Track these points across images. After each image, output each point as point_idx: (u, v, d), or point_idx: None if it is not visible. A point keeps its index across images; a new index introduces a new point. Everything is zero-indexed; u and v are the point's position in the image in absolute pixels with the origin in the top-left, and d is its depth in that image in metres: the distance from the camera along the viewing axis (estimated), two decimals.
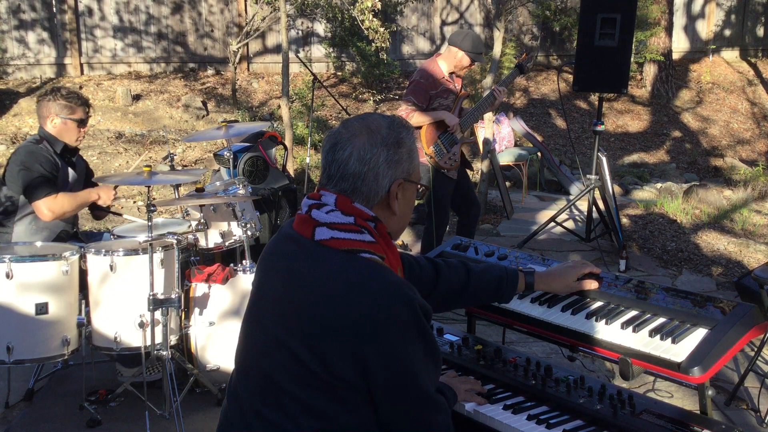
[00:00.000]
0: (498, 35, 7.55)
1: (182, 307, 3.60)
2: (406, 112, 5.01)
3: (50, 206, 3.85)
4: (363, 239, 1.75)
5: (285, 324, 1.74)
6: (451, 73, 5.17)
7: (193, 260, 4.14)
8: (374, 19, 8.10)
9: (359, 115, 1.89)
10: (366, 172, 1.77)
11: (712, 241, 6.67)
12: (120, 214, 4.83)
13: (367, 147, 1.77)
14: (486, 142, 7.50)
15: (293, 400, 1.71)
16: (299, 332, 1.71)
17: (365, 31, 8.29)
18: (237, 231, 4.23)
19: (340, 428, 1.70)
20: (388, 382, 1.69)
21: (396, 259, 1.86)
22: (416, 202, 6.71)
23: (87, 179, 4.30)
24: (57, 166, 3.97)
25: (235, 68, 10.77)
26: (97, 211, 4.33)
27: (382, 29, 8.10)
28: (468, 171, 5.53)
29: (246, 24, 11.12)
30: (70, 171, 4.09)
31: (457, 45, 5.11)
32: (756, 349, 3.88)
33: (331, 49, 11.73)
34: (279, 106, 9.24)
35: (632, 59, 11.04)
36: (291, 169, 7.26)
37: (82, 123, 4.08)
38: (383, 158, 1.77)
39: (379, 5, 8.04)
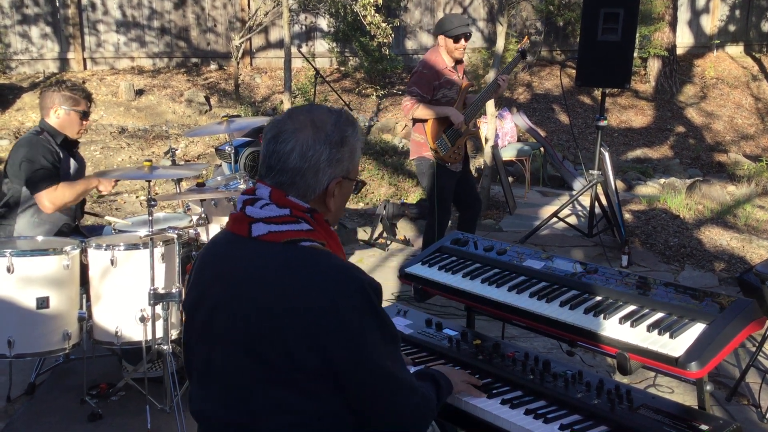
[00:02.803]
0: (501, 30, 7.53)
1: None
2: (410, 103, 4.98)
3: (51, 198, 3.85)
4: (301, 228, 1.73)
5: (241, 328, 1.71)
6: (455, 65, 5.14)
7: (194, 255, 4.14)
8: (376, 15, 8.09)
9: (306, 106, 1.86)
10: (306, 169, 1.75)
11: (715, 237, 6.66)
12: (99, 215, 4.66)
13: (311, 143, 1.74)
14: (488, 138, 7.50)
15: (263, 401, 1.69)
16: (256, 333, 1.68)
17: (367, 27, 8.28)
18: None
19: (313, 418, 1.69)
20: (349, 366, 1.68)
21: (336, 244, 1.83)
22: (417, 199, 6.64)
23: None
24: (59, 157, 3.97)
25: (238, 63, 10.77)
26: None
27: (384, 25, 8.09)
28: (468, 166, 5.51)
29: (249, 19, 11.11)
30: (72, 162, 4.10)
31: (437, 32, 5.12)
32: (757, 345, 3.87)
33: (334, 44, 11.72)
34: (281, 101, 9.24)
35: (636, 54, 11.03)
36: None
37: (84, 115, 4.09)
38: (325, 156, 1.75)
39: (380, 0, 8.03)
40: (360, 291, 1.69)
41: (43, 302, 3.38)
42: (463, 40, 5.06)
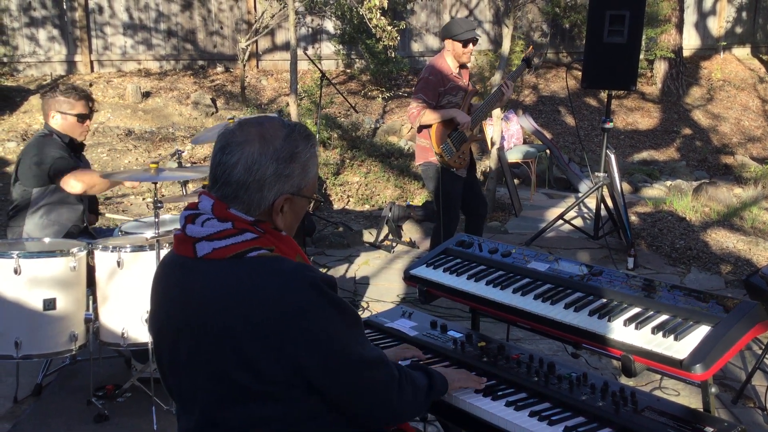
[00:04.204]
0: (507, 32, 7.54)
1: None
2: (417, 109, 4.99)
3: (79, 177, 3.83)
4: (244, 239, 1.69)
5: (205, 353, 1.69)
6: (459, 69, 5.15)
7: None
8: (382, 18, 8.10)
9: (260, 117, 1.80)
10: (250, 183, 1.70)
11: (722, 239, 6.64)
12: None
13: (256, 157, 1.69)
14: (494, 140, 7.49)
15: (239, 419, 1.69)
16: (222, 356, 1.66)
17: (373, 29, 8.29)
18: None
19: (293, 422, 1.69)
20: (320, 366, 1.67)
21: (288, 246, 1.78)
22: (423, 201, 6.62)
23: None
24: (69, 153, 3.99)
25: (244, 65, 10.80)
26: (91, 215, 4.31)
27: (389, 27, 8.10)
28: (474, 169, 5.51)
29: (255, 21, 11.14)
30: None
31: (445, 36, 5.12)
32: (763, 347, 3.86)
33: (340, 47, 11.74)
34: (288, 104, 9.26)
35: (643, 56, 11.01)
36: None
37: (82, 117, 4.05)
38: (271, 171, 1.70)
39: (386, 3, 8.04)
40: (313, 287, 1.66)
41: (49, 304, 3.40)
42: (471, 44, 5.07)
